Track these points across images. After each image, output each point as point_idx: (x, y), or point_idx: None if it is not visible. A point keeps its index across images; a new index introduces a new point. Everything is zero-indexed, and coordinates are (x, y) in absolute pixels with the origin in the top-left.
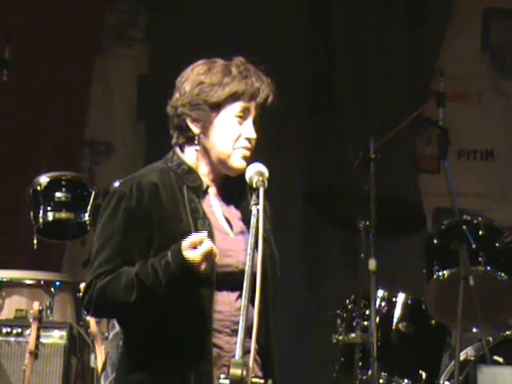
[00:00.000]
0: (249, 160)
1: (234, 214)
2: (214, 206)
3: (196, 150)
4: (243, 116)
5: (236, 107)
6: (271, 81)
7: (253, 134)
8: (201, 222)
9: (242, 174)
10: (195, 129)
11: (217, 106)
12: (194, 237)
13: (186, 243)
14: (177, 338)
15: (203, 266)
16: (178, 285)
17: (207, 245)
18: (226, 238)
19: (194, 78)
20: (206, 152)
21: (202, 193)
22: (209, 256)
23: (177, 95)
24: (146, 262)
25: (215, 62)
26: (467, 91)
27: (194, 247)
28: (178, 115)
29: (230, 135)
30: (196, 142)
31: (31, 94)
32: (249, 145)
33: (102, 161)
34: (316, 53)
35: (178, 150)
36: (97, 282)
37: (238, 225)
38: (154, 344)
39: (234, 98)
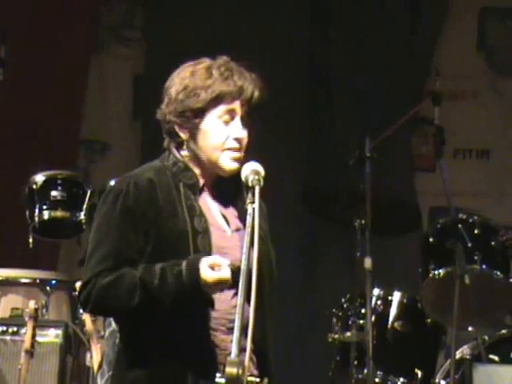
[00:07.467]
0: (242, 160)
1: (230, 211)
2: (210, 203)
3: (185, 156)
4: (229, 117)
5: (219, 110)
6: (257, 75)
7: (241, 134)
8: (197, 219)
9: (237, 173)
10: (183, 135)
11: (200, 112)
12: (216, 258)
13: (207, 261)
14: (173, 336)
15: (214, 290)
16: (184, 296)
17: (226, 273)
18: (222, 235)
19: (180, 82)
20: (196, 156)
21: (198, 190)
22: (223, 283)
23: (165, 100)
24: (151, 267)
25: (199, 64)
26: (463, 90)
27: (212, 268)
28: (167, 122)
29: (217, 138)
30: (184, 147)
31: (27, 93)
32: (238, 145)
33: (97, 160)
34: (314, 52)
35: (173, 149)
36: (97, 281)
37: (235, 223)
38: (151, 341)
39: (216, 101)
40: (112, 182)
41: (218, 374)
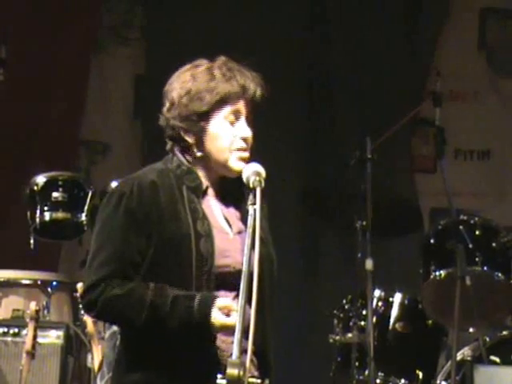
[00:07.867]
0: (247, 159)
1: (233, 213)
2: (213, 206)
3: (191, 159)
4: (234, 117)
5: (225, 111)
6: (257, 74)
7: (247, 133)
8: (200, 222)
9: (239, 175)
10: (189, 139)
11: (206, 115)
12: (228, 303)
13: (220, 304)
14: (174, 337)
15: (219, 332)
16: (189, 327)
17: (234, 320)
18: (225, 237)
19: (181, 86)
20: (203, 158)
21: (202, 193)
22: (229, 329)
23: (167, 105)
24: (162, 289)
25: (198, 67)
26: (464, 90)
27: (222, 310)
28: (171, 127)
29: (225, 140)
30: (190, 151)
31: (28, 93)
32: (245, 145)
33: (98, 160)
34: (314, 53)
35: (177, 152)
36: (105, 290)
37: (237, 225)
38: (152, 344)
39: (221, 103)
40: (113, 183)
41: (219, 376)
